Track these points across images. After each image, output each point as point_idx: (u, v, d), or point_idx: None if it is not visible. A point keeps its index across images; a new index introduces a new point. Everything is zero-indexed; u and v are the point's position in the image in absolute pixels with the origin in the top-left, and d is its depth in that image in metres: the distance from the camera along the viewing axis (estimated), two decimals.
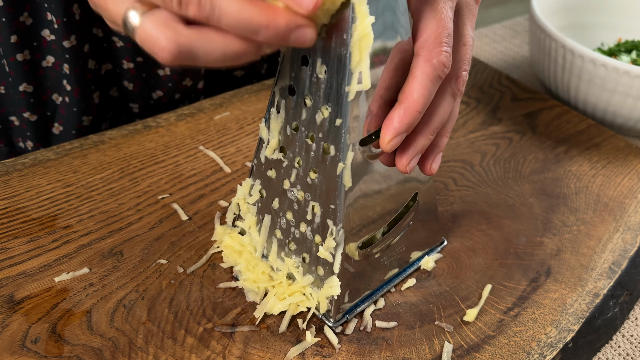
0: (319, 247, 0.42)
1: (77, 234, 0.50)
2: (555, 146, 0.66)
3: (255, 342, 0.43)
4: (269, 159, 0.43)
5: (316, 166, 0.40)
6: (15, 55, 0.60)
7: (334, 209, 0.40)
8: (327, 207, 0.40)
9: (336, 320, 0.44)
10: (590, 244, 0.53)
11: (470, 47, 0.41)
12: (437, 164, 0.42)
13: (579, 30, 0.84)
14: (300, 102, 0.39)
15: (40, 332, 0.42)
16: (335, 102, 0.37)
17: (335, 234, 0.40)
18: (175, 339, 0.43)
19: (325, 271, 0.43)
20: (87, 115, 0.65)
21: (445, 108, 0.40)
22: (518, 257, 0.51)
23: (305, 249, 0.43)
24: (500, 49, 0.98)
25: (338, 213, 0.40)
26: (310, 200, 0.41)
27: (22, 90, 0.63)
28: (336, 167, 0.39)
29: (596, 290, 0.49)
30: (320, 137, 0.39)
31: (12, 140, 0.68)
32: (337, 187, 0.39)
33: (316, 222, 0.42)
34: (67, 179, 0.55)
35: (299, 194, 0.42)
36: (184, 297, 0.46)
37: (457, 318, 0.46)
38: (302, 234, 0.43)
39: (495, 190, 0.59)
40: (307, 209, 0.42)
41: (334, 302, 0.43)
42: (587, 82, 0.70)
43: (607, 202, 0.58)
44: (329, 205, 0.40)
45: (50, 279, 0.46)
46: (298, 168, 0.41)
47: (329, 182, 0.40)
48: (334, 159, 0.39)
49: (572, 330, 0.45)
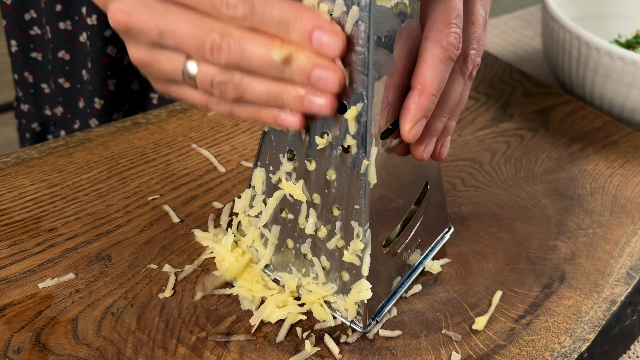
0: (343, 251, 0.42)
1: (63, 237, 0.50)
2: (570, 144, 0.66)
3: (251, 351, 0.43)
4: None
5: (334, 166, 0.40)
6: (58, 24, 0.70)
7: (358, 209, 0.40)
8: (350, 209, 0.40)
9: (366, 325, 0.44)
10: (606, 247, 0.53)
11: (480, 25, 0.42)
12: (446, 149, 0.43)
13: (594, 21, 0.84)
14: None
15: (23, 341, 0.42)
16: (358, 96, 0.37)
17: (362, 235, 0.41)
18: (166, 348, 0.43)
19: (352, 275, 0.43)
20: (99, 98, 0.71)
21: (455, 89, 0.41)
22: (530, 262, 0.51)
23: (327, 255, 0.43)
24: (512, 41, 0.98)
25: (363, 213, 0.40)
26: (330, 204, 0.41)
27: (60, 57, 0.72)
28: (359, 164, 0.39)
29: (613, 297, 0.49)
30: (338, 136, 0.39)
31: (40, 106, 0.78)
32: (361, 186, 0.39)
33: (337, 226, 0.42)
34: (51, 179, 0.55)
35: (314, 198, 0.42)
36: (176, 305, 0.46)
37: (465, 326, 0.46)
38: (320, 240, 0.43)
39: (506, 191, 0.59)
40: (324, 212, 0.42)
41: (364, 307, 0.43)
42: (604, 76, 0.70)
43: (624, 203, 0.58)
44: (352, 206, 0.40)
45: (34, 285, 0.46)
46: (311, 172, 0.41)
47: (351, 181, 0.40)
48: (357, 157, 0.39)
49: (588, 339, 0.45)
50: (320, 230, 0.43)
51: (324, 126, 0.39)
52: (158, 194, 0.55)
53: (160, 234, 0.51)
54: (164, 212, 0.53)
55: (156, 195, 0.55)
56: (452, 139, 0.65)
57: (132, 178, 0.56)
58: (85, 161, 0.58)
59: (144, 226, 0.52)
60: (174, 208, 0.54)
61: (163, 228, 0.52)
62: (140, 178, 0.57)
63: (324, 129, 0.39)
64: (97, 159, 0.58)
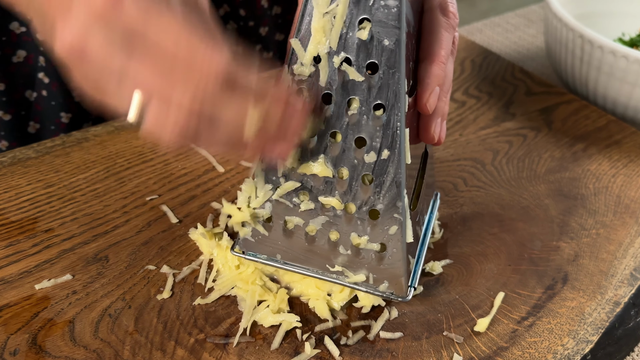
0: (380, 220, 0.42)
1: (59, 238, 0.50)
2: (573, 144, 0.66)
3: (250, 354, 0.43)
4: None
5: (364, 133, 0.40)
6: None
7: (395, 174, 0.40)
8: (384, 176, 0.41)
9: (407, 293, 0.45)
10: (610, 248, 0.53)
11: None
12: (444, 132, 0.44)
13: (598, 19, 0.84)
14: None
15: (20, 343, 0.42)
16: (389, 51, 0.37)
17: (402, 200, 0.41)
18: (164, 350, 0.43)
19: (390, 245, 0.43)
20: (66, 112, 0.66)
21: (449, 67, 0.42)
22: (533, 263, 0.51)
23: (358, 231, 0.43)
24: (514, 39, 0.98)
25: (402, 176, 0.40)
26: (360, 174, 0.41)
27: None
28: (394, 126, 0.39)
29: (617, 299, 0.49)
30: (367, 99, 0.39)
31: None
32: (396, 149, 0.40)
33: (370, 196, 0.42)
34: (48, 179, 0.55)
35: (342, 173, 0.42)
36: (174, 306, 0.46)
37: (467, 328, 0.46)
38: (349, 216, 0.43)
39: (508, 191, 0.59)
40: (353, 185, 0.42)
41: (405, 275, 0.43)
42: (607, 75, 0.70)
43: (628, 203, 0.58)
44: (387, 172, 0.41)
45: (31, 286, 0.46)
46: (336, 145, 0.41)
47: (384, 144, 0.40)
48: (391, 117, 0.39)
49: (591, 341, 0.45)
50: (349, 206, 0.42)
51: (351, 92, 0.39)
52: (156, 194, 0.55)
53: (159, 235, 0.51)
54: (162, 213, 0.53)
55: (154, 196, 0.55)
56: (453, 138, 0.65)
57: (130, 178, 0.56)
58: (83, 161, 0.58)
59: (141, 227, 0.52)
60: (172, 208, 0.54)
61: (161, 229, 0.52)
62: (138, 178, 0.57)
63: (350, 96, 0.40)
64: (94, 158, 0.58)
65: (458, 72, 0.76)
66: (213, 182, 0.57)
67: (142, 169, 0.57)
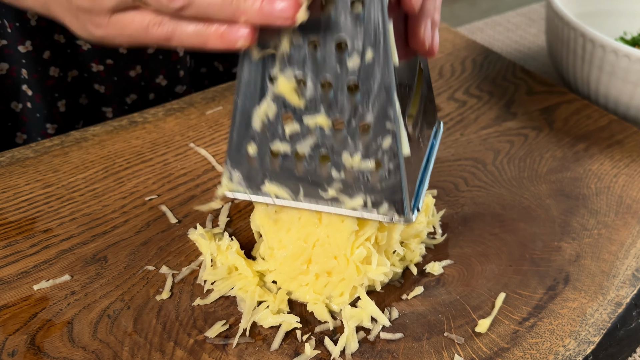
0: (371, 133, 0.39)
1: (58, 239, 0.50)
2: (575, 143, 0.66)
3: (250, 354, 0.43)
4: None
5: (347, 34, 0.37)
6: None
7: (382, 79, 0.38)
8: (371, 82, 0.38)
9: (410, 214, 0.41)
10: (612, 249, 0.53)
11: None
12: (437, 42, 0.42)
13: (599, 18, 0.84)
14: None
15: (18, 344, 0.42)
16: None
17: (393, 108, 0.38)
18: (163, 351, 0.43)
19: (385, 162, 0.40)
20: (51, 123, 0.66)
21: None
22: (534, 263, 0.51)
23: (350, 151, 0.40)
24: (515, 39, 0.98)
25: (391, 81, 0.38)
26: (345, 83, 0.39)
27: None
28: (378, 26, 0.37)
29: (618, 299, 0.49)
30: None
31: None
32: (381, 50, 0.37)
33: (357, 106, 0.39)
34: (46, 179, 0.55)
35: (324, 81, 0.39)
36: (173, 307, 0.46)
37: (468, 329, 0.46)
38: (336, 135, 0.40)
39: (510, 191, 0.59)
40: (338, 95, 0.39)
41: (405, 193, 0.40)
42: (609, 74, 0.70)
43: (630, 203, 0.58)
44: (374, 78, 0.38)
45: (29, 286, 0.46)
46: (316, 53, 0.38)
47: (367, 44, 0.37)
48: (371, 16, 0.37)
49: (593, 342, 0.45)
50: (336, 121, 0.40)
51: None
52: (155, 194, 0.55)
53: (158, 235, 0.51)
54: (161, 213, 0.53)
55: (153, 196, 0.55)
56: (454, 138, 0.65)
57: (129, 178, 0.56)
58: (81, 161, 0.58)
59: (140, 227, 0.52)
60: (171, 208, 0.54)
61: (160, 229, 0.52)
62: (137, 178, 0.57)
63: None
64: (93, 158, 0.58)
65: (459, 71, 0.76)
66: (212, 182, 0.57)
67: (141, 169, 0.57)
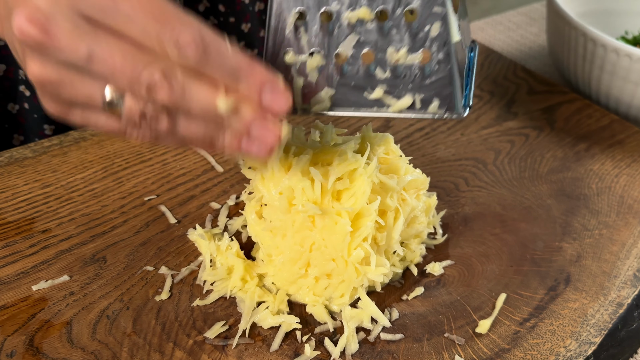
0: (426, 31, 0.38)
1: (57, 239, 0.50)
2: (576, 143, 0.66)
3: (249, 355, 0.43)
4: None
5: None
6: None
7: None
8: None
9: (462, 109, 0.40)
10: (613, 249, 0.53)
11: None
12: None
13: (601, 17, 0.84)
14: None
15: (17, 345, 0.42)
16: None
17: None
18: (162, 352, 0.43)
19: (435, 52, 0.39)
20: (49, 124, 0.66)
21: None
22: (535, 264, 0.51)
23: (397, 43, 0.39)
24: (516, 38, 0.98)
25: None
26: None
27: None
28: None
29: (620, 300, 0.49)
30: None
31: None
32: None
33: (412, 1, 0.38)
34: (45, 179, 0.55)
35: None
36: (172, 307, 0.46)
37: (468, 330, 0.46)
38: (386, 27, 0.39)
39: (510, 191, 0.59)
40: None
41: (457, 86, 0.39)
42: (610, 74, 0.70)
43: (631, 203, 0.58)
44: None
45: (28, 287, 0.46)
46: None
47: None
48: None
49: (594, 343, 0.45)
50: (380, 13, 0.39)
51: None
52: (154, 194, 0.55)
53: (157, 235, 0.51)
54: (160, 213, 0.53)
55: (152, 196, 0.55)
56: (455, 138, 0.65)
57: (128, 178, 0.56)
58: (80, 161, 0.57)
59: (139, 227, 0.52)
60: (170, 209, 0.54)
61: (159, 229, 0.52)
62: (136, 178, 0.56)
63: None
64: (92, 158, 0.58)
65: None
66: (212, 182, 0.57)
67: (140, 169, 0.57)
